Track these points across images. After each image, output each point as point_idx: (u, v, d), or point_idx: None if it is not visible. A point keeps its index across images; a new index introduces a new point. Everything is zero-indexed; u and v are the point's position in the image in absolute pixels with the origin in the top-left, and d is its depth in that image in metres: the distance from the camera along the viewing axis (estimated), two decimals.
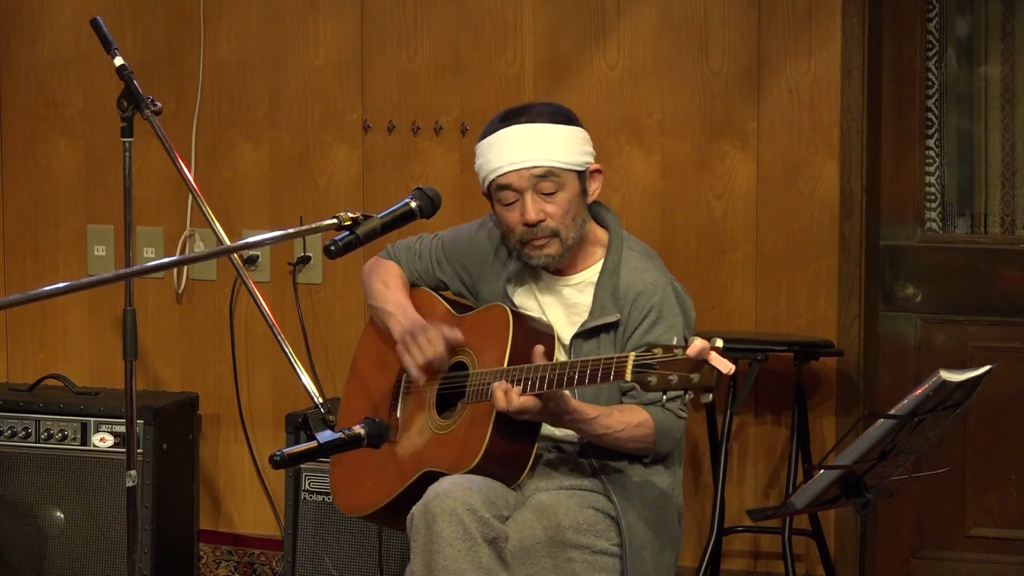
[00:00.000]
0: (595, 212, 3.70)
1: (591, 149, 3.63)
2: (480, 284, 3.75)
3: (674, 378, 3.08)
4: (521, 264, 3.66)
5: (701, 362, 3.06)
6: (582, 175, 3.59)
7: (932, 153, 4.72)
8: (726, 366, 3.05)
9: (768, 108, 4.65)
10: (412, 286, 3.84)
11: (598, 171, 3.64)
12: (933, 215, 4.73)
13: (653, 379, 3.10)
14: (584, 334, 3.57)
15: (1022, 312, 4.63)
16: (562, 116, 3.61)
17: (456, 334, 3.59)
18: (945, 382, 3.18)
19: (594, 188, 3.64)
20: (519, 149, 3.54)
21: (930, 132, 4.71)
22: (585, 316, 3.60)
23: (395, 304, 3.75)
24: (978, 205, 4.73)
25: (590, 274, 3.64)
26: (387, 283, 3.80)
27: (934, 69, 4.70)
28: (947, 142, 4.72)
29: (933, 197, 4.73)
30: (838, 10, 4.57)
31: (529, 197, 3.54)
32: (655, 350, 3.12)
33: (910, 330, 4.73)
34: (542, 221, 3.54)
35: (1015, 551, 4.67)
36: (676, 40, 4.70)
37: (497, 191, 3.58)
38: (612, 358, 3.19)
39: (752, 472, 4.73)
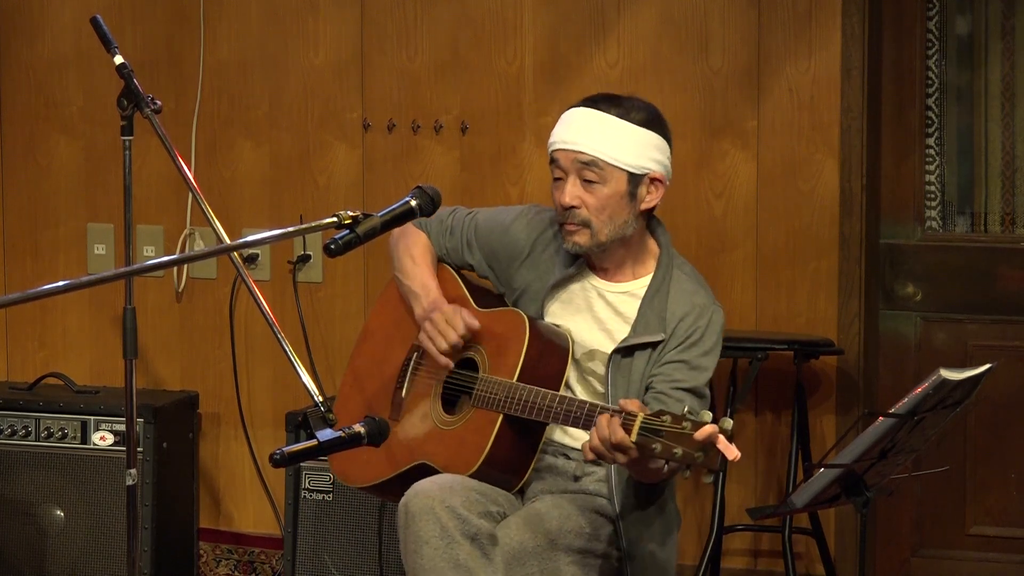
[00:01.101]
0: (650, 227, 3.65)
1: (661, 158, 3.54)
2: (510, 277, 3.71)
3: (679, 451, 3.02)
4: (569, 270, 3.62)
5: (709, 445, 3.02)
6: (634, 177, 3.52)
7: (932, 152, 4.72)
8: (732, 453, 2.99)
9: (768, 107, 4.65)
10: (439, 261, 3.81)
11: (658, 181, 3.54)
12: (933, 214, 4.73)
13: (658, 447, 3.04)
14: (624, 350, 3.53)
15: (1022, 311, 4.63)
16: (640, 114, 3.54)
17: (474, 322, 3.56)
18: (945, 381, 3.18)
19: (648, 197, 3.54)
20: (575, 130, 3.52)
21: (930, 131, 4.71)
22: (625, 327, 3.57)
23: (421, 284, 3.72)
24: (978, 204, 4.73)
25: (638, 285, 3.60)
26: (415, 257, 3.76)
27: (934, 68, 4.70)
28: (947, 141, 4.72)
29: (933, 196, 4.73)
30: (838, 9, 4.57)
31: (571, 180, 3.52)
32: (664, 417, 3.06)
33: (910, 329, 4.73)
34: (576, 207, 3.52)
35: (1015, 550, 4.67)
36: (676, 39, 4.70)
37: (551, 163, 3.57)
38: (622, 412, 3.15)
39: (752, 471, 4.73)
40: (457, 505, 3.32)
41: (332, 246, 2.86)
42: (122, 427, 4.75)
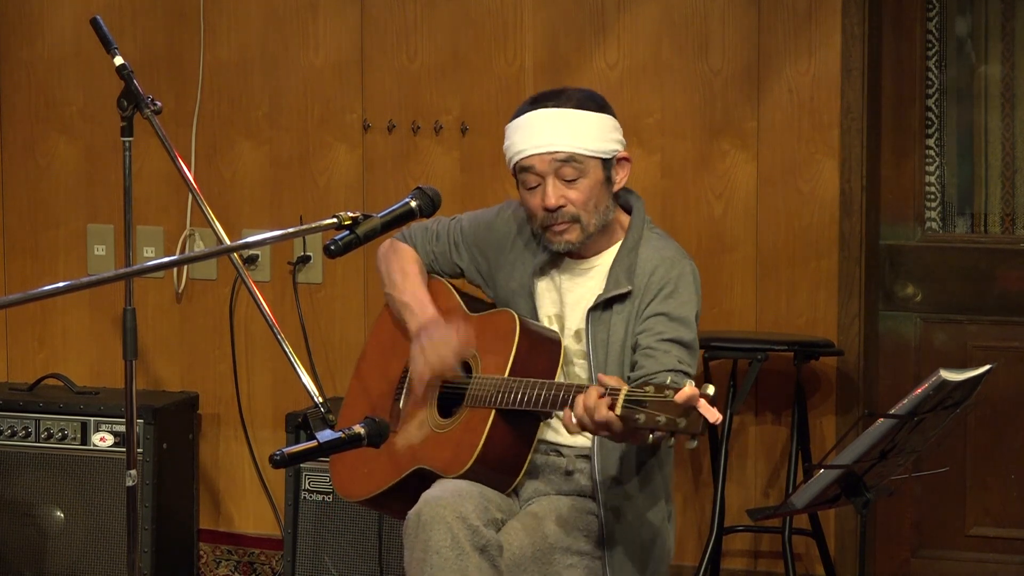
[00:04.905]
0: (622, 197, 3.68)
1: (620, 137, 3.60)
2: (497, 272, 3.72)
3: (662, 419, 3.05)
4: (546, 255, 3.64)
5: (690, 408, 3.04)
6: (607, 163, 3.55)
7: (932, 152, 4.72)
8: (713, 415, 3.02)
9: (768, 108, 4.65)
10: (429, 272, 3.81)
11: (625, 159, 3.60)
12: (933, 214, 4.73)
13: (642, 417, 3.07)
14: (600, 306, 3.55)
15: (1022, 312, 4.63)
16: (592, 102, 3.58)
17: (470, 340, 3.57)
18: (945, 381, 3.18)
19: (620, 177, 3.60)
20: (543, 133, 3.53)
21: (930, 131, 4.71)
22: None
23: (412, 296, 3.72)
24: (978, 204, 4.73)
25: (609, 255, 3.62)
26: (404, 271, 3.77)
27: (934, 68, 4.70)
28: (947, 141, 4.72)
29: (933, 196, 4.73)
30: (838, 9, 4.57)
31: (551, 182, 3.52)
32: (647, 388, 3.09)
33: (910, 330, 4.73)
34: (563, 207, 3.52)
35: (1015, 550, 4.67)
36: (676, 40, 4.70)
37: (520, 173, 3.57)
38: (607, 388, 3.17)
39: (752, 472, 4.73)
40: (469, 513, 3.32)
41: (332, 247, 2.86)
42: (122, 428, 4.75)
